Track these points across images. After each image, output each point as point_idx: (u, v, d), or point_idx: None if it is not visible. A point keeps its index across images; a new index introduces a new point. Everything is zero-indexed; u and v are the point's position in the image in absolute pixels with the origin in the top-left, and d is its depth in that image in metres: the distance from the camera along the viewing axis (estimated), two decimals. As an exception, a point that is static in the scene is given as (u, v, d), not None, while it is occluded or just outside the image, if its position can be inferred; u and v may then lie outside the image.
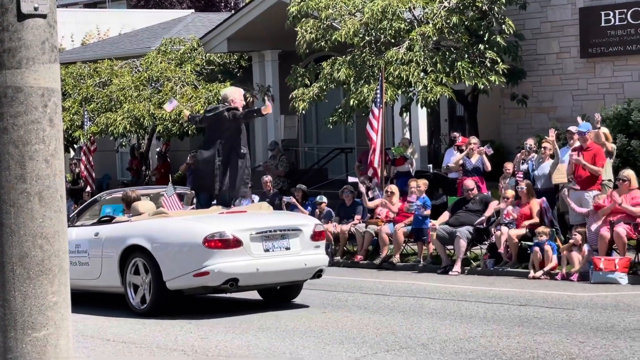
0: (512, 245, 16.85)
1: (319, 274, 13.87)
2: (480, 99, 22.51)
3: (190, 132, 25.13)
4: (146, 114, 25.36)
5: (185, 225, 13.56)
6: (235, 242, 13.01)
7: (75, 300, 6.49)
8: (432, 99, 20.29)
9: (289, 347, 10.81)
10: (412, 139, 23.09)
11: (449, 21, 20.79)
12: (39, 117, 5.65)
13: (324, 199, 20.58)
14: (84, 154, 26.98)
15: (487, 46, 20.76)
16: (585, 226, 16.25)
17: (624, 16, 20.75)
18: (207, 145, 14.75)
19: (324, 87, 21.44)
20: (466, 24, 20.98)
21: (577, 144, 17.21)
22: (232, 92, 15.07)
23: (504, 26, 20.96)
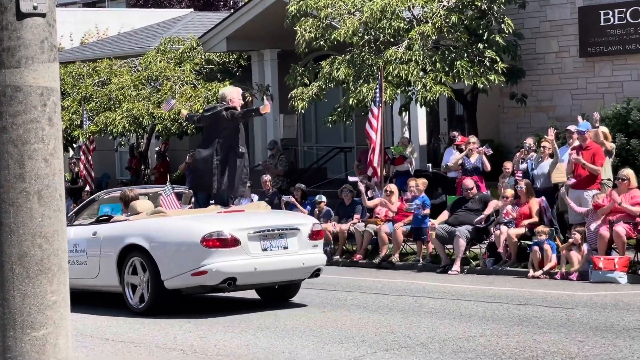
0: (511, 244, 16.84)
1: (316, 273, 13.87)
2: (479, 98, 22.50)
3: (189, 132, 25.11)
4: (145, 113, 25.35)
5: (183, 224, 13.55)
6: (233, 242, 13.00)
7: (74, 299, 6.49)
8: (431, 98, 20.28)
9: (288, 347, 10.81)
10: (411, 138, 23.08)
11: (448, 20, 20.78)
12: (38, 116, 5.64)
13: (323, 198, 20.57)
14: (83, 153, 26.95)
15: (486, 45, 20.75)
16: (584, 225, 16.25)
17: (623, 15, 20.74)
18: (205, 144, 14.73)
19: (323, 86, 21.43)
20: (465, 23, 20.97)
21: (576, 143, 17.21)
22: (231, 92, 15.04)
23: (503, 25, 20.95)
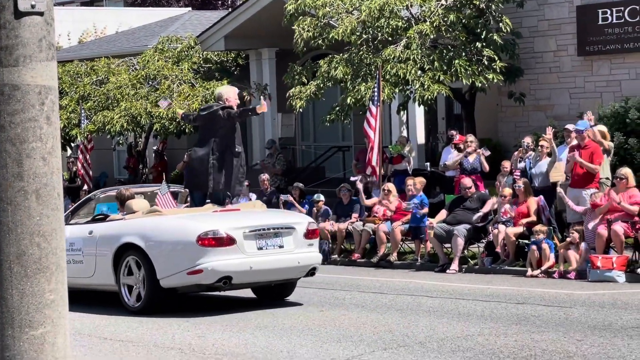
0: (509, 243, 16.85)
1: (312, 272, 13.88)
2: (477, 97, 22.50)
3: (187, 131, 25.11)
4: (143, 112, 25.35)
5: (179, 223, 13.56)
6: (228, 240, 13.01)
7: (72, 298, 6.48)
8: (429, 97, 20.29)
9: (287, 346, 10.80)
10: (409, 137, 23.09)
11: (446, 19, 20.78)
12: (36, 115, 5.63)
13: (322, 197, 20.58)
14: (81, 152, 26.94)
15: (484, 44, 20.76)
16: (582, 224, 16.25)
17: (621, 14, 20.75)
18: (201, 143, 14.72)
19: (321, 85, 21.43)
20: (463, 22, 20.96)
21: (574, 142, 17.22)
22: (227, 91, 15.04)
23: (501, 24, 20.95)
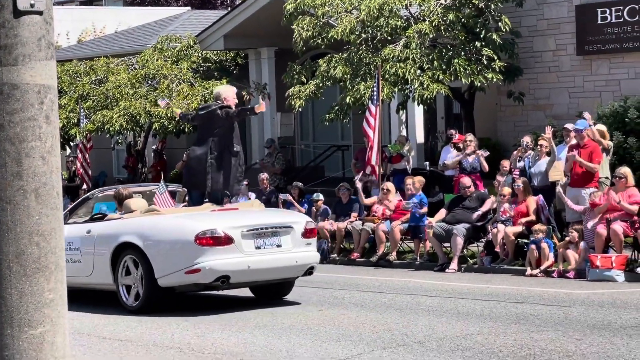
0: (508, 242, 16.85)
1: (310, 271, 13.87)
2: (476, 97, 22.51)
3: (186, 130, 25.11)
4: (142, 111, 25.34)
5: (177, 222, 13.56)
6: (226, 240, 13.00)
7: (70, 298, 6.48)
8: (428, 97, 20.28)
9: (286, 345, 10.80)
10: (408, 137, 23.09)
11: (445, 18, 20.78)
12: (35, 114, 5.63)
13: (321, 197, 20.58)
14: (80, 152, 26.95)
15: (483, 43, 20.76)
16: (581, 223, 16.25)
17: (620, 13, 20.75)
18: (199, 142, 14.74)
19: (321, 84, 21.42)
20: (463, 21, 20.96)
21: (573, 141, 17.22)
22: (225, 90, 15.06)
23: (500, 24, 20.95)
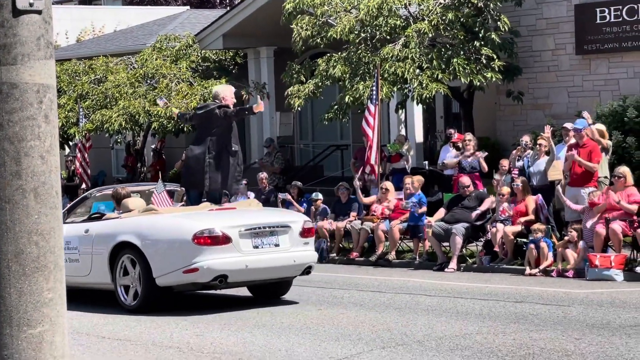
0: (507, 242, 16.85)
1: (307, 271, 13.87)
2: (475, 96, 22.50)
3: (185, 129, 25.11)
4: (141, 110, 25.34)
5: (174, 222, 13.56)
6: (224, 239, 13.00)
7: (69, 297, 6.48)
8: (427, 96, 20.28)
9: (285, 344, 10.80)
10: (407, 136, 23.09)
11: (444, 18, 20.78)
12: (34, 113, 5.63)
13: (320, 196, 20.58)
14: (79, 151, 26.94)
15: (482, 43, 20.76)
16: (580, 223, 16.25)
17: (619, 13, 20.75)
18: (197, 142, 14.74)
19: (320, 83, 21.42)
20: (462, 20, 20.96)
21: (572, 141, 17.22)
22: (223, 90, 15.07)
23: (499, 23, 20.95)
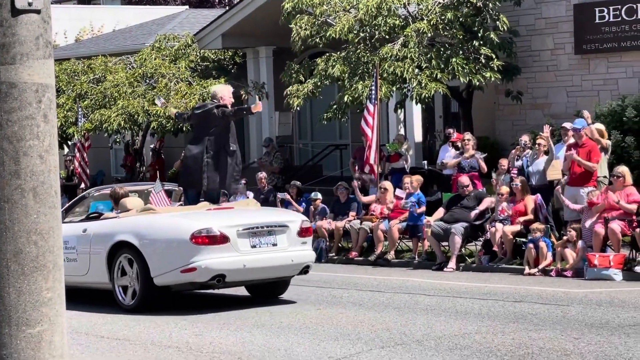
0: (506, 241, 16.85)
1: (305, 270, 13.87)
2: (475, 96, 22.50)
3: (184, 129, 25.11)
4: (140, 110, 25.33)
5: (172, 221, 13.56)
6: (222, 239, 13.00)
7: (68, 297, 6.48)
8: (426, 96, 20.28)
9: (284, 344, 10.80)
10: (406, 136, 23.09)
11: (443, 17, 20.77)
12: (33, 112, 5.63)
13: (319, 196, 20.58)
14: (78, 151, 26.92)
15: (481, 42, 20.76)
16: (579, 222, 16.25)
17: (618, 12, 20.75)
18: (195, 141, 14.75)
19: (319, 83, 21.41)
20: (461, 20, 20.96)
21: (571, 141, 17.22)
22: (221, 89, 15.08)
23: (498, 23, 20.95)
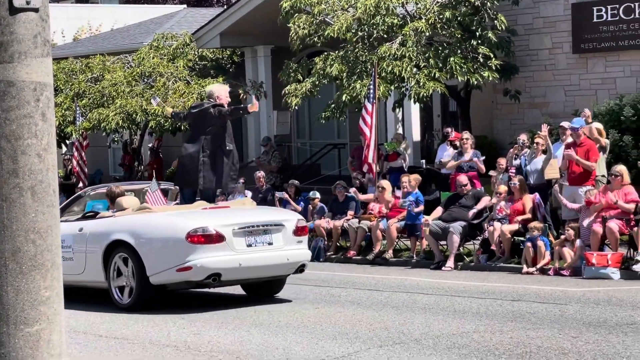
0: (504, 240, 16.85)
1: (301, 269, 13.88)
2: (473, 95, 22.51)
3: (182, 128, 25.10)
4: (138, 109, 25.33)
5: (168, 220, 13.57)
6: (218, 237, 13.00)
7: (66, 296, 6.48)
8: (424, 95, 20.28)
9: (282, 343, 10.80)
10: (405, 135, 23.08)
11: (441, 16, 20.78)
12: (31, 111, 5.63)
13: (317, 195, 20.58)
14: (76, 150, 26.92)
15: (479, 42, 20.76)
16: (577, 221, 16.26)
17: (616, 12, 20.76)
18: (192, 140, 14.75)
19: (317, 82, 21.41)
20: (459, 19, 20.96)
21: (569, 140, 17.22)
22: (218, 89, 15.08)
23: (496, 22, 20.95)
